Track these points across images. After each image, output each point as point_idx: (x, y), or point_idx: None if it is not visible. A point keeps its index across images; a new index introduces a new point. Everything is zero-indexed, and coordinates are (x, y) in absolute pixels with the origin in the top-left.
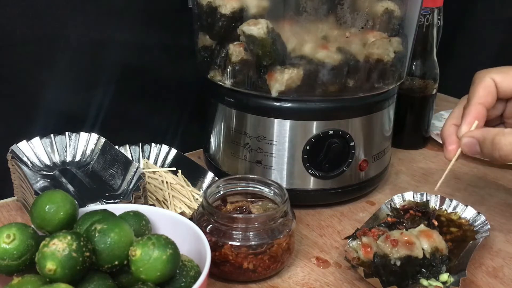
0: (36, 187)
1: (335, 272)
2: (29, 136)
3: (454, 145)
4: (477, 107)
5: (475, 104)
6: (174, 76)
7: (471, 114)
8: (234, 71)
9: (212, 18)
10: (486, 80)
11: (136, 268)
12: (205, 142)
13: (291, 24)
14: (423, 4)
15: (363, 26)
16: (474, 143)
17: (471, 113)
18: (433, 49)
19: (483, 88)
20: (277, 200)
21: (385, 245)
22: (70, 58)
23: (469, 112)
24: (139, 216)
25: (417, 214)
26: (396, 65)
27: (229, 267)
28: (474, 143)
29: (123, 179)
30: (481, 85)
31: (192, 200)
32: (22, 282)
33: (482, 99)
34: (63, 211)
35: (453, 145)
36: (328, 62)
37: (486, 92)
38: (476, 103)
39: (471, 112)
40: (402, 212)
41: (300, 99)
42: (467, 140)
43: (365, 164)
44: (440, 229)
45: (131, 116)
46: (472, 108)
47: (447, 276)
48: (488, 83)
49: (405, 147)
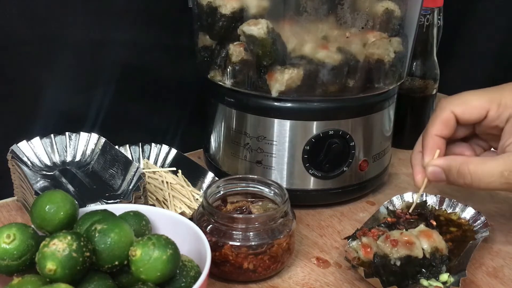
0: (36, 187)
1: (335, 272)
2: (29, 136)
3: (421, 174)
4: (434, 138)
5: (432, 136)
6: (174, 76)
7: (429, 145)
8: (234, 71)
9: (212, 18)
10: (445, 113)
11: (136, 268)
12: (205, 142)
13: (291, 24)
14: (423, 4)
15: (363, 26)
16: (439, 172)
17: (429, 145)
18: (433, 49)
19: (440, 121)
20: (277, 200)
21: (385, 245)
22: (70, 58)
23: (427, 144)
24: (139, 216)
25: (413, 217)
26: (396, 65)
27: (229, 267)
28: (439, 171)
29: (123, 179)
30: (439, 117)
31: (192, 200)
32: (22, 282)
33: (438, 131)
34: (63, 211)
35: (419, 174)
36: (328, 62)
37: (444, 125)
38: (432, 135)
39: (429, 144)
40: (399, 215)
41: (300, 99)
42: (432, 169)
43: (365, 164)
44: (439, 229)
45: (131, 116)
46: (429, 140)
47: (447, 276)
48: (447, 117)
49: (405, 147)
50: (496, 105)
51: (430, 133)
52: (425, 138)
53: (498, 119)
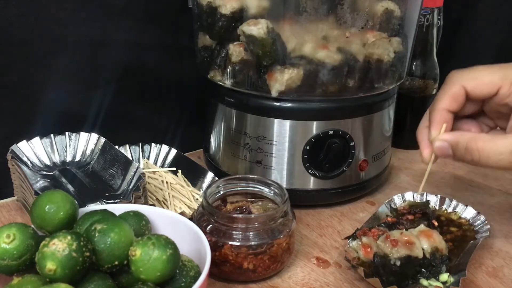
0: (36, 187)
1: (335, 272)
2: (29, 136)
3: (428, 149)
4: (442, 112)
5: (440, 110)
6: (174, 76)
7: (437, 119)
8: (234, 71)
9: (212, 18)
10: (455, 87)
11: (136, 268)
12: (205, 142)
13: (291, 24)
14: (423, 4)
15: (363, 26)
16: (447, 147)
17: (437, 118)
18: (433, 49)
19: (449, 95)
20: (277, 200)
21: (385, 245)
22: (70, 58)
23: (435, 118)
24: (139, 216)
25: (417, 216)
26: (396, 65)
27: (229, 267)
28: (447, 146)
29: (123, 179)
30: (449, 91)
31: (192, 200)
32: (22, 282)
33: (447, 105)
34: (63, 211)
35: (426, 149)
36: (328, 62)
37: (453, 99)
38: (440, 109)
39: (436, 118)
40: (401, 214)
41: (300, 99)
42: (439, 143)
43: (365, 164)
44: (440, 229)
45: (131, 116)
46: (437, 113)
47: (447, 276)
48: (457, 91)
49: (405, 147)
50: (508, 83)
51: (438, 107)
52: (433, 112)
53: (509, 97)
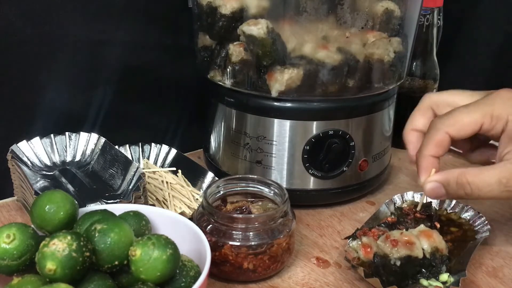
0: (36, 187)
1: (335, 272)
2: (29, 136)
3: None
4: (429, 159)
5: (426, 156)
6: (174, 76)
7: (424, 165)
8: (234, 71)
9: (212, 18)
10: (439, 135)
11: (136, 268)
12: (205, 142)
13: (291, 24)
14: (423, 4)
15: (363, 26)
16: (439, 187)
17: (424, 165)
18: (433, 49)
19: (435, 143)
20: (277, 200)
21: (385, 245)
22: (70, 58)
23: (422, 164)
24: (139, 216)
25: (422, 217)
26: (396, 65)
27: (229, 267)
28: (439, 186)
29: (123, 179)
30: (434, 139)
31: (192, 200)
32: (22, 282)
33: (433, 152)
34: (63, 211)
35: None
36: (328, 62)
37: (438, 147)
38: (427, 155)
39: (424, 164)
40: (406, 213)
41: (300, 99)
42: (431, 185)
43: (365, 164)
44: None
45: (131, 116)
46: (424, 160)
47: (447, 276)
48: (441, 138)
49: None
50: (489, 118)
51: (425, 154)
52: (420, 159)
53: (492, 130)
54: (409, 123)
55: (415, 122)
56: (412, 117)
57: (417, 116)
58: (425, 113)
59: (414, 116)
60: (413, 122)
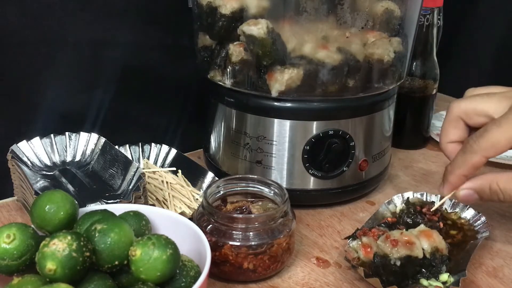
0: (36, 187)
1: (335, 272)
2: (29, 136)
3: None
4: (461, 178)
5: (460, 176)
6: (174, 76)
7: (453, 183)
8: (234, 71)
9: (212, 18)
10: (476, 158)
11: (136, 268)
12: (205, 142)
13: (291, 24)
14: (423, 4)
15: (363, 26)
16: (472, 193)
17: (453, 182)
18: (433, 49)
19: (471, 167)
20: (277, 200)
21: (385, 245)
22: (70, 58)
23: (451, 181)
24: (139, 216)
25: (434, 218)
26: (396, 65)
27: (229, 267)
28: (472, 193)
29: (123, 179)
30: (470, 163)
31: (192, 200)
32: (22, 282)
33: (467, 173)
34: (63, 211)
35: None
36: (328, 62)
37: (474, 169)
38: (460, 176)
39: (453, 181)
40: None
41: (300, 99)
42: (465, 192)
43: (365, 164)
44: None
45: (131, 116)
46: (455, 178)
47: (447, 276)
48: (478, 162)
49: (405, 147)
50: None
51: (458, 174)
52: (451, 176)
53: None
54: (443, 136)
55: (449, 135)
56: (444, 130)
57: (449, 129)
58: (456, 125)
59: (446, 129)
60: (448, 136)
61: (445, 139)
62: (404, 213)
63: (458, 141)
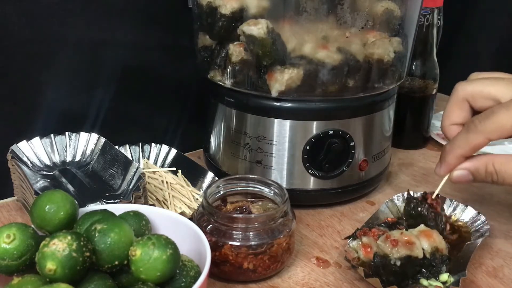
0: (36, 187)
1: (335, 272)
2: (29, 136)
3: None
4: (461, 159)
5: (459, 157)
6: (174, 76)
7: (452, 164)
8: (234, 71)
9: (212, 18)
10: (479, 140)
11: (136, 268)
12: (205, 142)
13: (291, 24)
14: (423, 4)
15: (363, 26)
16: (467, 174)
17: (452, 163)
18: (433, 49)
19: (473, 147)
20: (277, 200)
21: (385, 245)
22: (70, 58)
23: (450, 161)
24: (139, 216)
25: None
26: (396, 65)
27: (229, 267)
28: (467, 174)
29: (123, 179)
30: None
31: (192, 200)
32: (22, 282)
33: (466, 154)
34: (63, 211)
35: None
36: (328, 62)
37: (475, 150)
38: (459, 156)
39: (452, 162)
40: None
41: (300, 99)
42: (460, 172)
43: (365, 164)
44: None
45: (131, 116)
46: (455, 159)
47: (447, 276)
48: (481, 143)
49: (405, 147)
50: None
51: (458, 155)
52: (450, 156)
53: None
54: (446, 117)
55: (452, 116)
56: (448, 111)
57: (454, 109)
58: (461, 106)
59: (450, 110)
60: (451, 117)
61: (448, 121)
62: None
63: (461, 123)
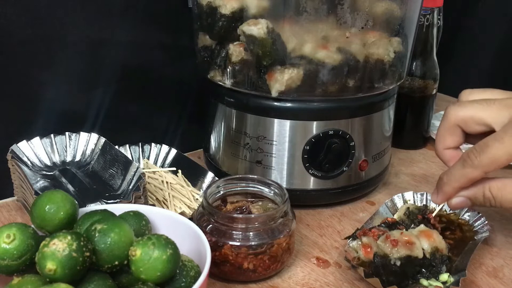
0: (36, 187)
1: (335, 272)
2: (29, 136)
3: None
4: (458, 190)
5: (456, 188)
6: (174, 76)
7: (450, 194)
8: (234, 71)
9: (212, 18)
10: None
11: (136, 268)
12: (205, 142)
13: (291, 24)
14: (423, 4)
15: (363, 26)
16: (465, 201)
17: (450, 193)
18: (433, 49)
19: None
20: (277, 200)
21: (385, 245)
22: (70, 58)
23: (448, 192)
24: (139, 216)
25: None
26: (396, 65)
27: (229, 267)
28: (465, 200)
29: (123, 179)
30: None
31: (192, 200)
32: (22, 282)
33: (464, 186)
34: (63, 211)
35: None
36: (328, 62)
37: (469, 183)
38: (457, 188)
39: (450, 193)
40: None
41: (300, 99)
42: (459, 199)
43: (365, 164)
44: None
45: (131, 116)
46: (452, 191)
47: (447, 276)
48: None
49: (405, 147)
50: None
51: (455, 187)
52: (447, 187)
53: None
54: (439, 142)
55: (446, 141)
56: (440, 137)
57: (446, 135)
58: (454, 132)
59: (443, 136)
60: (444, 142)
61: (442, 145)
62: (405, 223)
63: (455, 147)
